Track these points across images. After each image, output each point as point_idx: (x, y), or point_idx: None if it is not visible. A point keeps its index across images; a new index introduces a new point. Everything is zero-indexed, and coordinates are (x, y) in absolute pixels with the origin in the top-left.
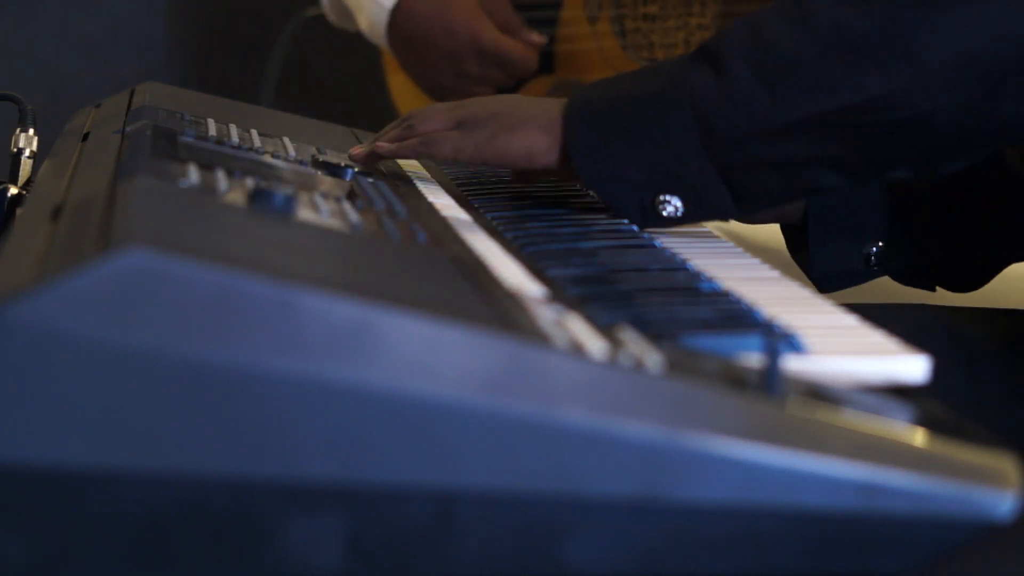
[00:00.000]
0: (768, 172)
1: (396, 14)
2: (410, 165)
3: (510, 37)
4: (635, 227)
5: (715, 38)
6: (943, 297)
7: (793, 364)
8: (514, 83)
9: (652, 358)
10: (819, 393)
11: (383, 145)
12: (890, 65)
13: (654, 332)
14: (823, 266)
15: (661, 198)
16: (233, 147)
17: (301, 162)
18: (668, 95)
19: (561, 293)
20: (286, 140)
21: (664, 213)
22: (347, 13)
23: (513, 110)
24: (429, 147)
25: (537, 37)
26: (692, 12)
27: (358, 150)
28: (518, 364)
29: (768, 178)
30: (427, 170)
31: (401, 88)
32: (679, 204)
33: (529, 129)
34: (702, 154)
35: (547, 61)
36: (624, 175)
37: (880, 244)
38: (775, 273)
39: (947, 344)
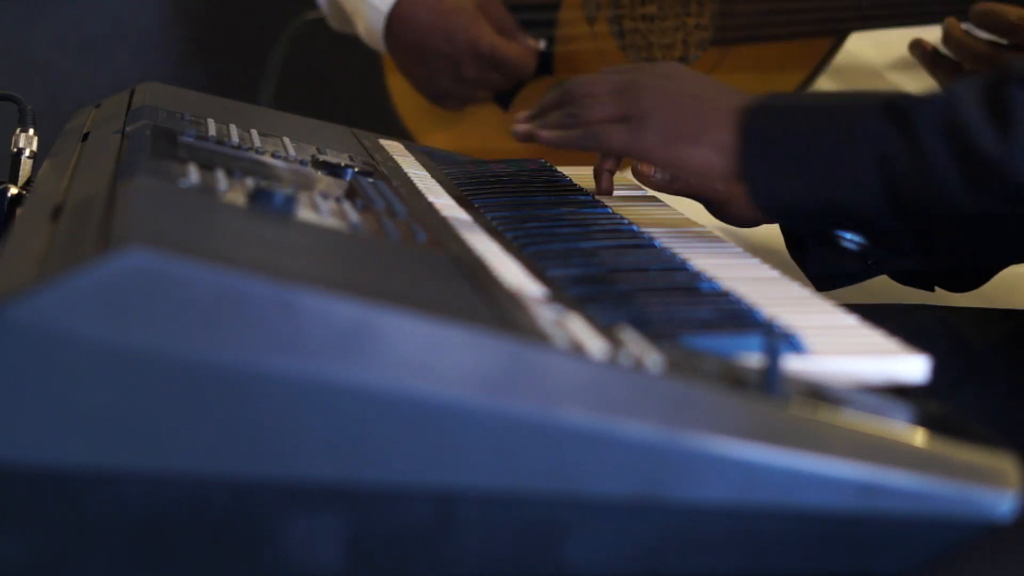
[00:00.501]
0: (955, 234)
1: (393, 19)
2: (410, 165)
3: (507, 40)
4: (635, 227)
5: (905, 100)
6: (943, 297)
7: (793, 364)
8: (512, 85)
9: (652, 358)
10: (819, 393)
11: (546, 135)
12: None
13: (654, 332)
14: (821, 266)
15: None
16: (233, 147)
17: (301, 162)
18: (854, 142)
19: (561, 293)
20: (286, 140)
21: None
22: (346, 18)
23: (688, 113)
24: (596, 140)
25: (534, 41)
26: (690, 12)
27: (522, 127)
28: (518, 364)
29: (955, 239)
30: (427, 170)
31: (401, 89)
32: (857, 239)
33: (706, 146)
34: (883, 207)
35: (546, 62)
36: (801, 210)
37: None
38: (775, 273)
39: (947, 344)
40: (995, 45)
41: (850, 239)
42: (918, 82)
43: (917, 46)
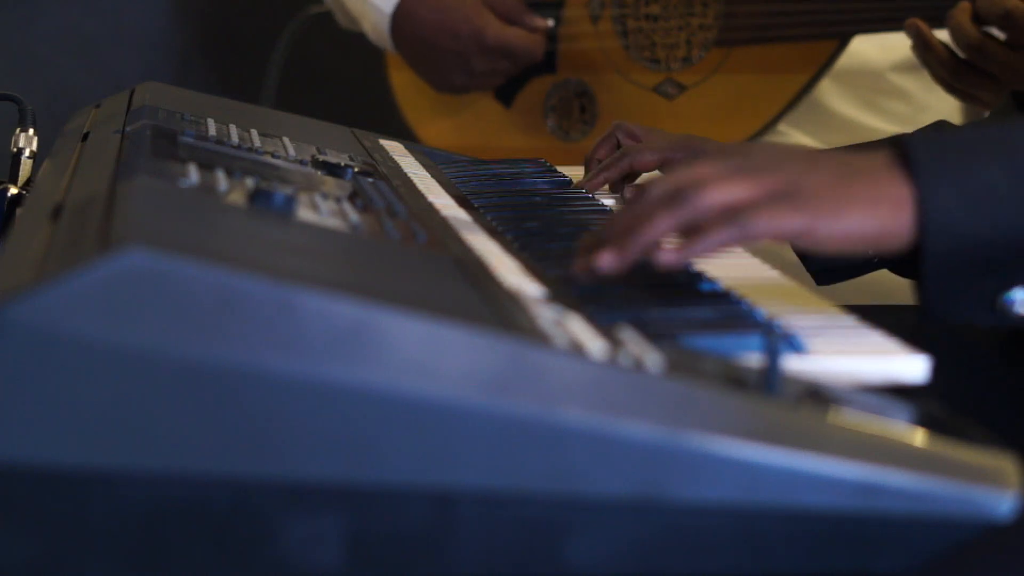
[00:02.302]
0: None
1: (397, 20)
2: (410, 165)
3: (514, 26)
4: None
5: None
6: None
7: (793, 364)
8: (522, 72)
9: (652, 358)
10: (819, 393)
11: (689, 251)
12: None
13: (654, 332)
14: (821, 259)
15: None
16: (233, 147)
17: (301, 162)
18: None
19: (561, 293)
20: (286, 140)
21: (1014, 311)
22: (353, 19)
23: (841, 173)
24: (744, 230)
25: (541, 21)
26: (694, 13)
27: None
28: (518, 364)
29: None
30: (427, 170)
31: (403, 86)
32: None
33: (883, 203)
34: None
35: (549, 60)
36: (990, 247)
37: None
38: (775, 273)
39: (947, 344)
40: (991, 37)
41: (1021, 299)
42: (921, 84)
43: (913, 26)
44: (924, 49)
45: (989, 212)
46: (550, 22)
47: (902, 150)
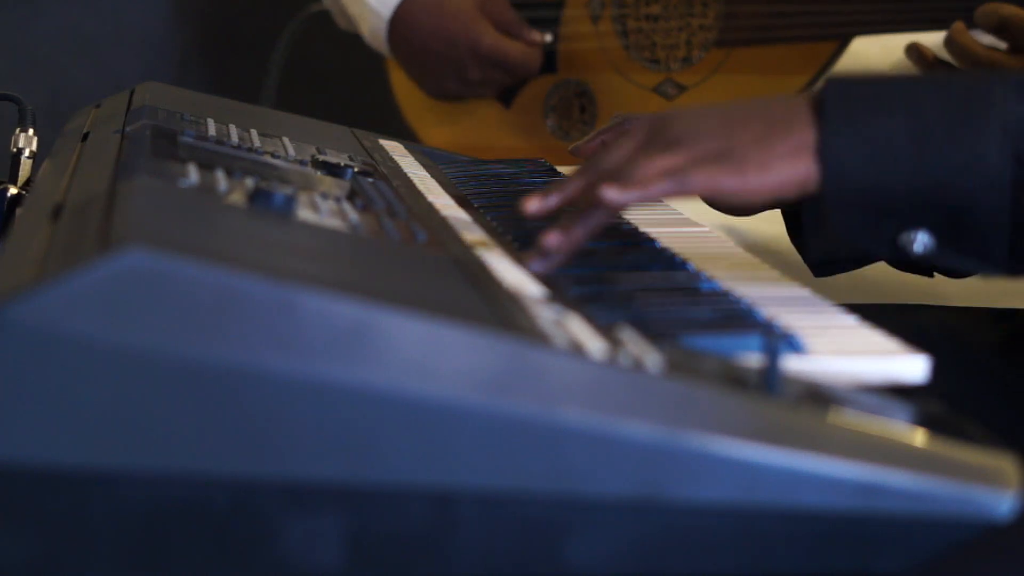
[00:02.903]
0: None
1: (394, 24)
2: (410, 165)
3: (510, 38)
4: (635, 227)
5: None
6: (943, 297)
7: (793, 364)
8: (518, 83)
9: (652, 358)
10: (819, 393)
11: (627, 194)
12: None
13: (654, 332)
14: (820, 251)
15: (911, 235)
16: (233, 147)
17: (301, 162)
18: (974, 118)
19: (561, 293)
20: (286, 140)
21: (913, 249)
22: (351, 21)
23: (763, 126)
24: (681, 184)
25: (539, 36)
26: (694, 13)
27: (541, 201)
28: (518, 364)
29: None
30: (427, 170)
31: (404, 86)
32: (928, 240)
33: (799, 153)
34: (1005, 196)
35: (549, 60)
36: (891, 197)
37: None
38: (775, 273)
39: (947, 344)
40: (995, 51)
41: (921, 240)
42: None
43: (914, 50)
44: (925, 70)
45: (886, 163)
46: (548, 37)
47: (818, 94)
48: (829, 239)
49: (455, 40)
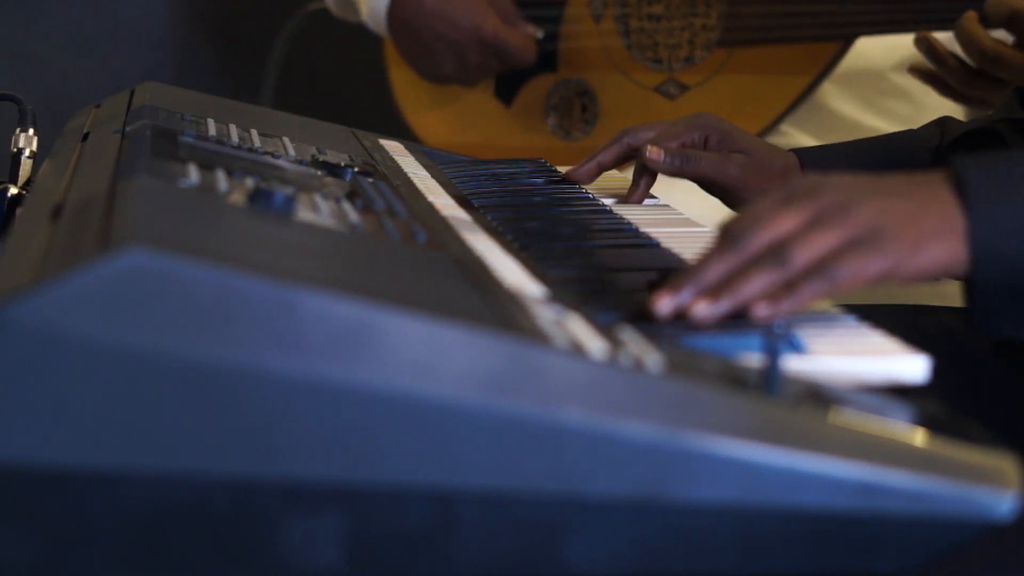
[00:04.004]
0: None
1: (397, 3)
2: (410, 165)
3: (510, 28)
4: (635, 227)
5: None
6: (943, 298)
7: (793, 364)
8: (512, 71)
9: (652, 358)
10: (819, 393)
11: (782, 307)
12: None
13: (654, 332)
14: None
15: None
16: (233, 147)
17: (301, 162)
18: None
19: (561, 293)
20: (286, 140)
21: None
22: (349, 3)
23: (910, 209)
24: (832, 282)
25: (533, 29)
26: (697, 13)
27: (706, 307)
28: (518, 364)
29: None
30: (427, 170)
31: (403, 84)
32: None
33: (945, 236)
34: None
35: (550, 59)
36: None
37: None
38: None
39: (946, 344)
40: (1002, 44)
41: None
42: (922, 84)
43: (923, 42)
44: (937, 63)
45: None
46: (540, 33)
47: (956, 177)
48: (969, 322)
49: (459, 23)
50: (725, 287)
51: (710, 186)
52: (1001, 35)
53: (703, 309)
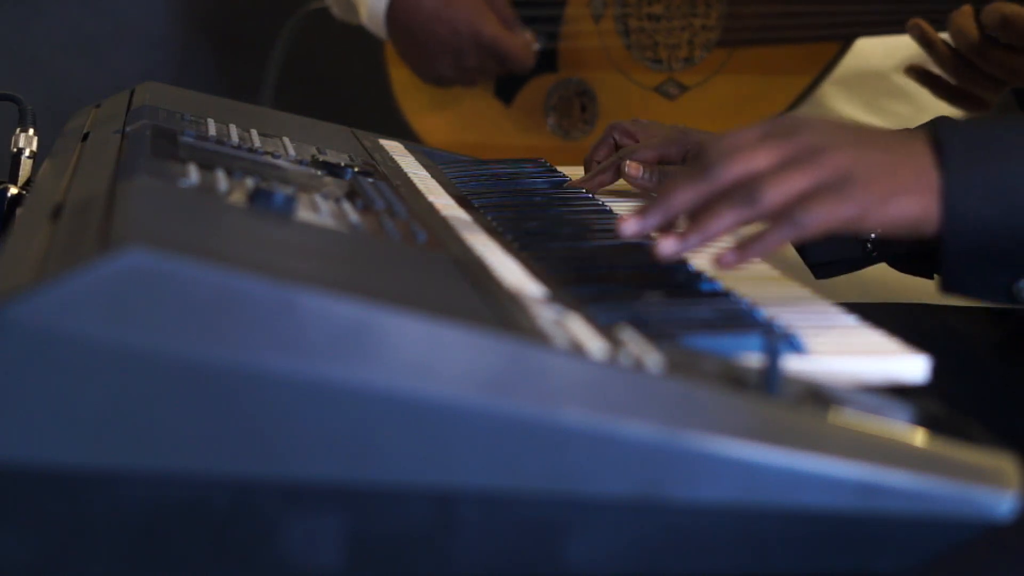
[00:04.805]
0: None
1: (395, 6)
2: (410, 165)
3: (509, 32)
4: None
5: None
6: (943, 297)
7: (793, 364)
8: (509, 74)
9: (652, 358)
10: (819, 393)
11: (740, 254)
12: None
13: (654, 332)
14: (820, 252)
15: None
16: (233, 147)
17: (301, 162)
18: None
19: (561, 293)
20: (286, 140)
21: None
22: (349, 5)
23: (888, 160)
24: (801, 227)
25: (531, 37)
26: (696, 13)
27: (671, 244)
28: (518, 364)
29: None
30: (427, 170)
31: (403, 84)
32: None
33: (918, 192)
34: None
35: (550, 59)
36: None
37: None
38: (775, 273)
39: (947, 344)
40: (993, 41)
41: None
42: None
43: (916, 29)
44: (927, 48)
45: (1010, 209)
46: (536, 45)
47: (936, 136)
48: (940, 284)
49: (458, 25)
50: (693, 221)
51: None
52: None
53: (670, 245)
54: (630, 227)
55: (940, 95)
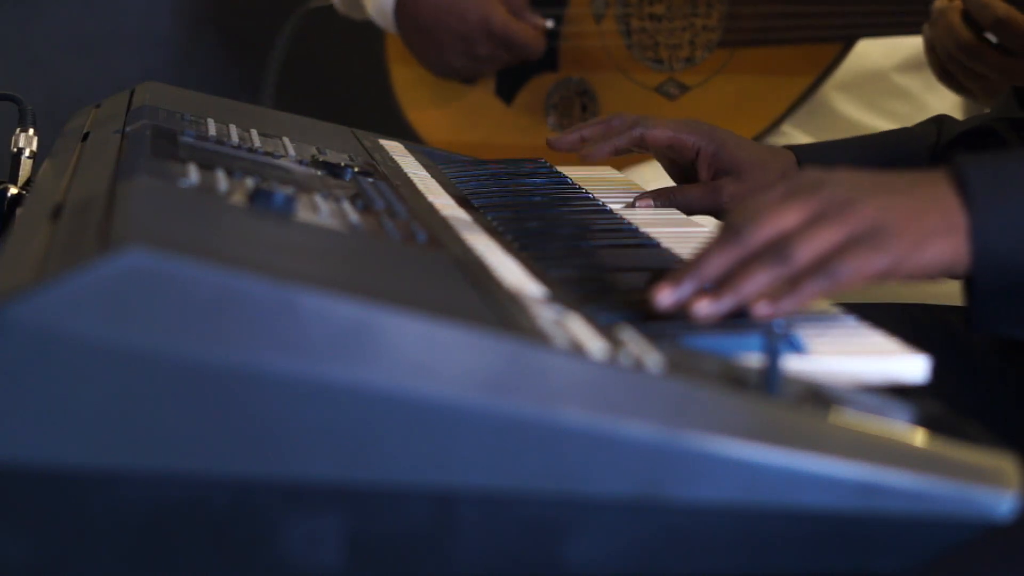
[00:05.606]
0: None
1: None
2: (410, 165)
3: (518, 20)
4: (635, 227)
5: None
6: (943, 297)
7: (793, 364)
8: (521, 66)
9: (652, 358)
10: (819, 393)
11: (774, 307)
12: None
13: (654, 332)
14: None
15: None
16: (233, 147)
17: (301, 162)
18: None
19: (561, 293)
20: (286, 140)
21: None
22: (354, 1)
23: (914, 206)
24: (834, 279)
25: (542, 21)
26: (698, 13)
27: (709, 306)
28: (518, 364)
29: None
30: (427, 170)
31: (403, 83)
32: None
33: (947, 234)
34: None
35: (551, 59)
36: None
37: None
38: None
39: (947, 344)
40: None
41: None
42: (923, 83)
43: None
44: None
45: None
46: (550, 23)
47: (958, 176)
48: (968, 322)
49: (467, 16)
50: (727, 283)
51: (704, 213)
52: None
53: (705, 307)
54: (665, 298)
55: (944, 79)
